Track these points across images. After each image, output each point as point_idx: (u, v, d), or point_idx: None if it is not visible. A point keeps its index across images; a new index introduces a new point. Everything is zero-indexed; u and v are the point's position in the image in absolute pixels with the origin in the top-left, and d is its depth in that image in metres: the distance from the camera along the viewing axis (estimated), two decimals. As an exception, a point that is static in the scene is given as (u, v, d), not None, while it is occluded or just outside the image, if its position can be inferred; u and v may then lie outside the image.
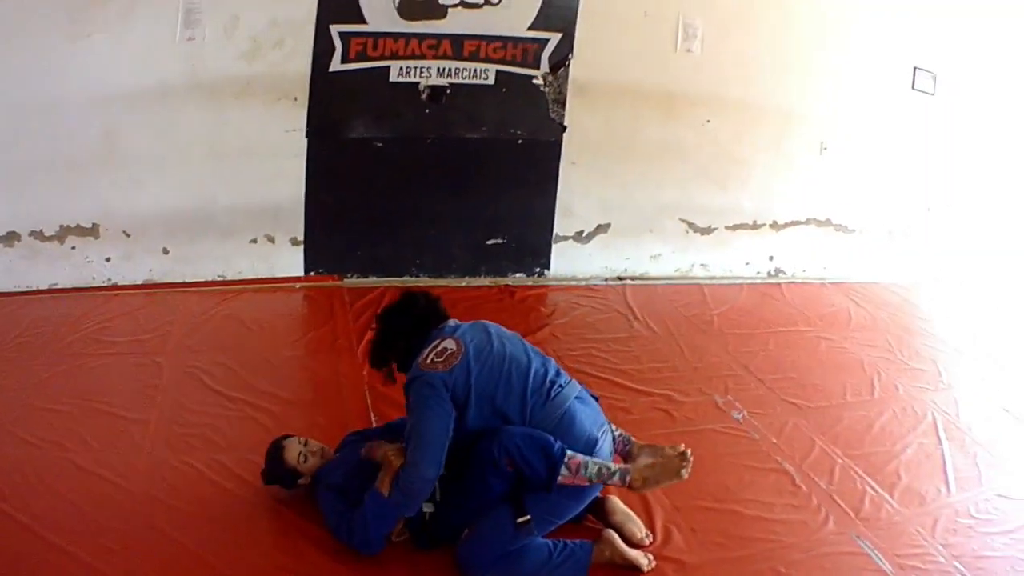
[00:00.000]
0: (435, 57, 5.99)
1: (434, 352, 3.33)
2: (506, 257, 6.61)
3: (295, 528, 3.53)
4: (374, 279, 6.29)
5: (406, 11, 5.83)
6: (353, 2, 5.72)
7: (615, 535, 3.46)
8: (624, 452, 3.60)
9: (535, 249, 6.66)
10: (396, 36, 5.87)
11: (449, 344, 3.34)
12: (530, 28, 6.09)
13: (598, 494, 3.52)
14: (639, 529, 3.59)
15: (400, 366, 3.50)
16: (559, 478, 3.16)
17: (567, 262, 6.72)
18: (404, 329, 3.49)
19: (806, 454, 4.35)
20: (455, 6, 5.91)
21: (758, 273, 7.19)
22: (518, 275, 6.63)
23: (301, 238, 6.15)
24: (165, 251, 5.94)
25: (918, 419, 4.84)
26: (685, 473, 3.26)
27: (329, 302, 5.93)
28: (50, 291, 5.74)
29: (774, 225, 7.13)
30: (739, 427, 4.59)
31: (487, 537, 3.26)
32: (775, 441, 4.46)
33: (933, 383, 5.37)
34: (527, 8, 6.04)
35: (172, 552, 3.36)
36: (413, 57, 5.95)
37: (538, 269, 6.68)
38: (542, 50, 6.16)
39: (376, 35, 5.83)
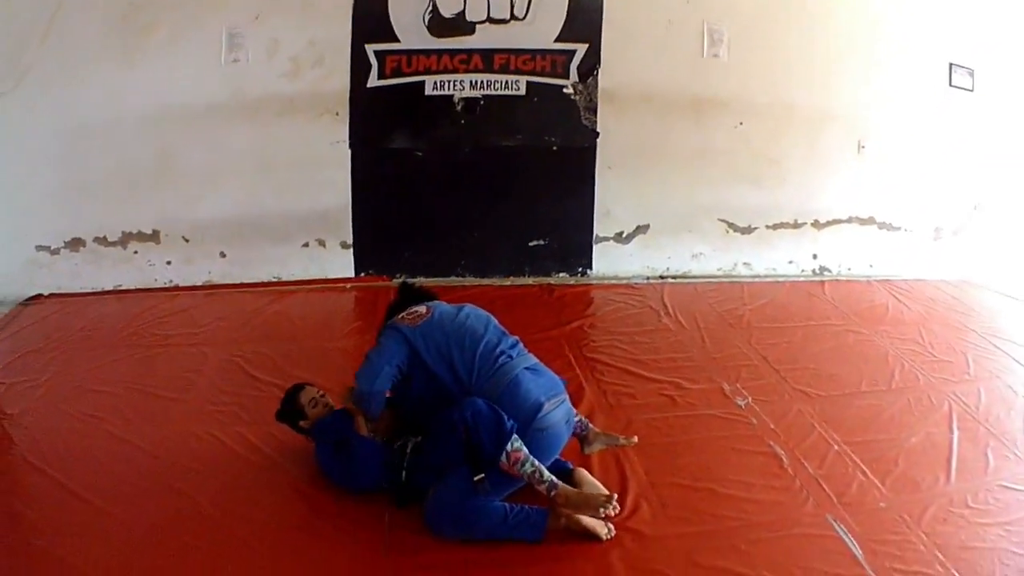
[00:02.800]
0: (467, 71, 6.07)
1: (406, 312, 3.72)
2: (549, 257, 6.58)
3: (294, 490, 3.65)
4: (422, 279, 6.19)
5: (436, 29, 5.95)
6: (385, 22, 5.87)
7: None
8: (581, 435, 3.69)
9: (577, 250, 6.61)
10: (428, 52, 5.99)
11: (420, 308, 3.72)
12: (557, 40, 6.12)
13: (570, 466, 3.62)
14: None
15: None
16: (498, 462, 3.26)
17: (609, 262, 6.64)
18: (395, 307, 3.84)
19: (801, 440, 4.11)
20: (483, 23, 6.00)
21: (802, 271, 6.89)
22: (561, 274, 6.59)
23: (350, 242, 6.27)
24: (223, 255, 6.15)
25: (933, 408, 4.49)
26: (603, 512, 3.26)
27: (376, 300, 5.90)
28: (115, 291, 6.00)
29: (816, 224, 6.85)
30: (740, 413, 4.38)
31: (447, 494, 3.32)
32: (773, 427, 4.22)
33: (958, 375, 4.95)
34: (553, 21, 6.08)
35: (181, 505, 3.52)
36: (446, 72, 6.05)
37: (581, 269, 6.63)
38: (570, 61, 6.16)
39: (409, 52, 5.97)
